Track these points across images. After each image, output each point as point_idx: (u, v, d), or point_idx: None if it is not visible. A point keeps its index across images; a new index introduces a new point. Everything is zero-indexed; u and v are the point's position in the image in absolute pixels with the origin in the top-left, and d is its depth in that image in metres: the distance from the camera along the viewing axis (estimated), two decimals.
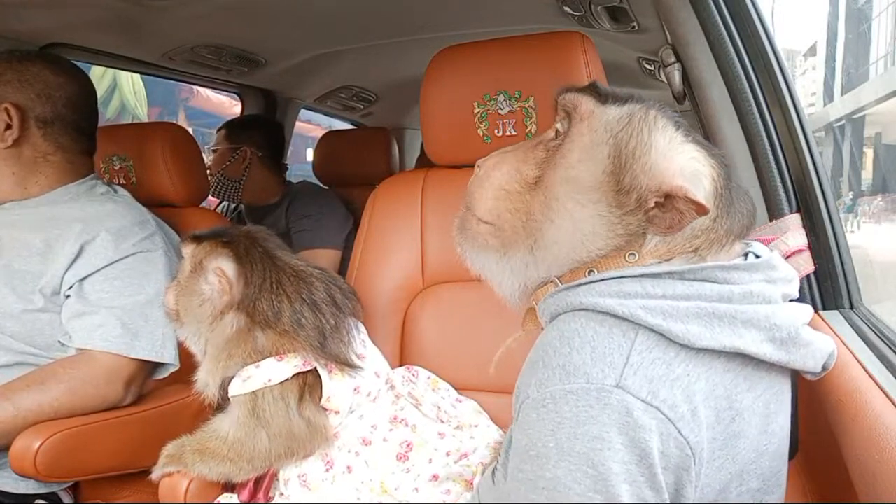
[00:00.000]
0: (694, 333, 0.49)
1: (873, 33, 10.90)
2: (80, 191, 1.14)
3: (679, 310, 0.50)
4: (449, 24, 1.59)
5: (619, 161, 0.55)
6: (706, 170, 0.54)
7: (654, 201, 0.54)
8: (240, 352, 0.84)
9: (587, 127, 0.58)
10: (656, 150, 0.54)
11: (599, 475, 0.45)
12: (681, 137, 0.55)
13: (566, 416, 0.47)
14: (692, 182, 0.53)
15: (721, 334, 0.49)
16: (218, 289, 0.85)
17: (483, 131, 1.03)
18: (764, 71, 0.87)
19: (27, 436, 0.91)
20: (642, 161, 0.54)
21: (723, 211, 0.55)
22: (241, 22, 1.51)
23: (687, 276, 0.53)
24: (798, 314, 0.54)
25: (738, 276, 0.53)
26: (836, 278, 0.84)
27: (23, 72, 1.09)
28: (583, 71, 0.96)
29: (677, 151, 0.54)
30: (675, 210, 0.53)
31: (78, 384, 0.98)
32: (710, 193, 0.54)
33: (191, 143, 1.41)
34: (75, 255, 1.04)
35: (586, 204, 0.56)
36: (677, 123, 0.57)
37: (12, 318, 1.02)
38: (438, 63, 1.06)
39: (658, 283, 0.52)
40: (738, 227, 0.57)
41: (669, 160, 0.54)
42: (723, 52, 0.88)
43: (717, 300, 0.51)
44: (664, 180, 0.53)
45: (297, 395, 0.84)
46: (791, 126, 0.85)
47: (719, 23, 0.88)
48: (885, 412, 0.54)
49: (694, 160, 0.54)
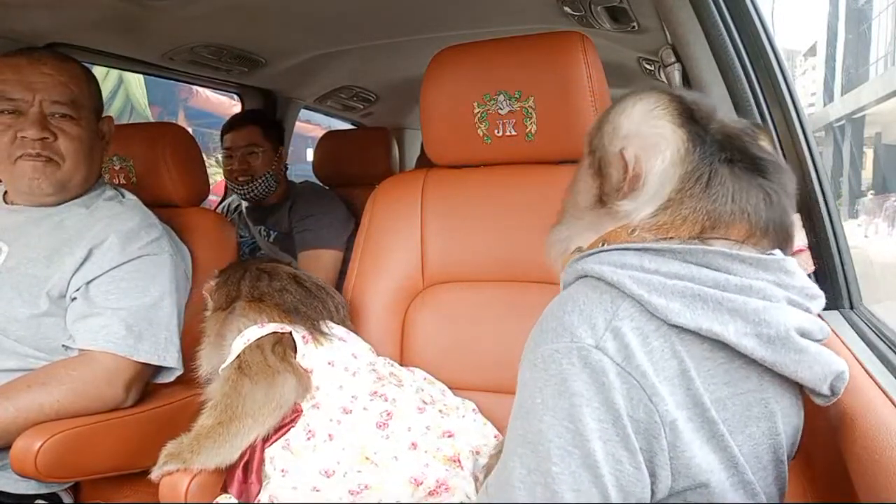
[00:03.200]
0: (672, 310, 0.50)
1: (873, 33, 10.90)
2: (90, 197, 1.15)
3: (666, 286, 0.51)
4: (449, 24, 1.59)
5: (599, 132, 0.60)
6: (671, 143, 0.55)
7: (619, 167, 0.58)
8: (227, 328, 0.95)
9: None
10: (629, 119, 0.57)
11: (577, 431, 0.48)
12: (661, 112, 0.56)
13: (552, 374, 0.50)
14: (643, 148, 0.56)
15: (701, 316, 0.50)
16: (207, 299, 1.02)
17: (483, 131, 1.03)
18: (764, 71, 0.87)
19: (28, 436, 0.91)
20: (610, 129, 0.59)
21: (700, 191, 0.55)
22: (241, 22, 1.51)
23: (689, 259, 0.53)
24: (800, 320, 0.53)
25: (741, 269, 0.53)
26: (836, 278, 0.84)
27: (97, 84, 1.15)
28: (583, 71, 0.96)
29: (646, 122, 0.57)
30: (616, 172, 0.58)
31: (79, 385, 0.98)
32: (668, 163, 0.55)
33: (191, 143, 1.41)
34: (84, 258, 1.04)
35: (584, 177, 0.63)
36: (676, 103, 0.57)
37: (18, 322, 1.02)
38: (438, 63, 1.06)
39: (656, 259, 0.53)
40: (742, 217, 0.55)
41: (634, 128, 0.57)
42: (723, 52, 0.88)
43: (710, 285, 0.51)
44: (616, 144, 0.58)
45: (272, 342, 0.91)
46: (791, 126, 0.85)
47: (719, 23, 0.88)
48: (885, 412, 0.54)
49: (659, 130, 0.56)
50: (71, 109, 1.07)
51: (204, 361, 0.96)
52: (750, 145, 0.58)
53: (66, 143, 1.07)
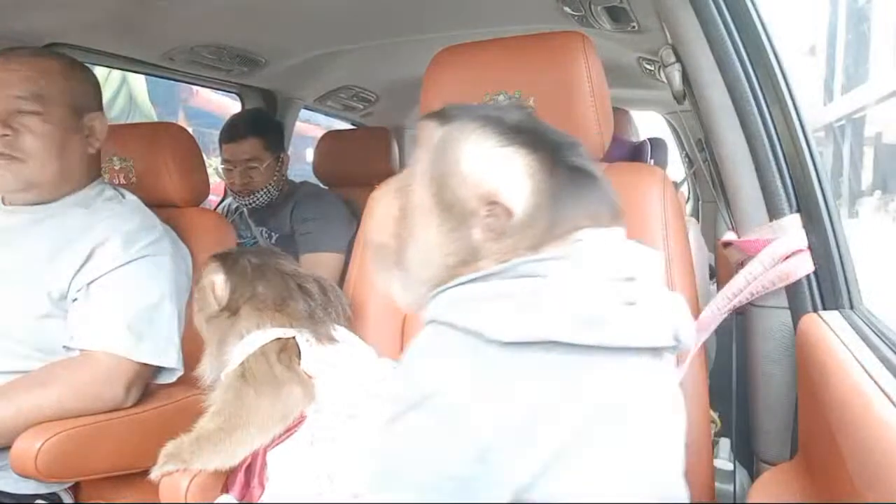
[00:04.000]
0: (501, 329, 0.51)
1: (873, 33, 10.89)
2: (89, 196, 1.15)
3: (492, 309, 0.52)
4: (449, 24, 1.59)
5: (437, 182, 0.59)
6: (521, 168, 0.56)
7: (486, 210, 0.57)
8: (230, 334, 0.92)
9: (424, 154, 0.62)
10: (467, 162, 0.57)
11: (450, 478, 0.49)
12: (496, 141, 0.57)
13: (411, 427, 0.51)
14: (503, 185, 0.56)
15: (527, 327, 0.51)
16: (211, 298, 0.95)
17: None
18: (764, 71, 0.87)
19: (28, 436, 0.91)
20: (456, 176, 0.58)
21: (553, 203, 0.56)
22: (241, 22, 1.51)
23: (506, 276, 0.55)
24: (610, 294, 0.54)
25: (553, 268, 0.54)
26: (836, 278, 0.84)
27: (82, 79, 1.12)
28: (583, 71, 0.96)
29: (488, 157, 0.57)
30: (495, 215, 0.56)
31: (79, 385, 0.98)
32: (529, 190, 0.56)
33: (191, 143, 1.41)
34: (85, 259, 1.04)
35: (428, 226, 0.60)
36: (500, 126, 0.58)
37: (18, 322, 1.02)
38: (438, 63, 1.06)
39: (480, 287, 0.55)
40: (585, 215, 0.58)
41: (480, 168, 0.57)
42: (723, 52, 0.88)
43: (531, 294, 0.53)
44: (477, 189, 0.57)
45: (277, 350, 0.89)
46: (791, 126, 0.85)
47: (719, 23, 0.88)
48: (885, 412, 0.54)
49: (508, 161, 0.56)
50: (35, 104, 1.04)
51: (209, 370, 0.93)
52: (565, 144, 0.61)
53: (31, 140, 1.04)
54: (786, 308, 0.89)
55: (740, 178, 0.91)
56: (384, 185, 0.68)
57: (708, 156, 1.20)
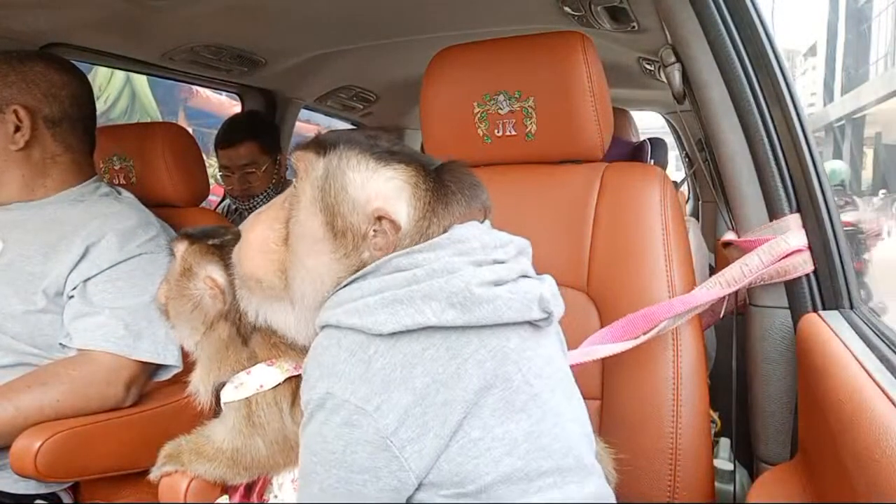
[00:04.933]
0: (381, 322, 0.54)
1: (873, 33, 10.90)
2: (84, 192, 1.14)
3: (369, 304, 0.56)
4: (449, 24, 1.59)
5: (328, 211, 0.61)
6: (403, 184, 0.61)
7: (373, 230, 0.60)
8: (230, 360, 0.84)
9: (308, 184, 0.63)
10: (353, 187, 0.61)
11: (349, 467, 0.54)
12: (376, 164, 0.61)
13: (315, 430, 0.55)
14: (387, 202, 0.60)
15: (404, 316, 0.54)
16: (209, 295, 0.84)
17: (483, 131, 1.03)
18: (764, 71, 0.87)
19: (27, 436, 0.91)
20: (346, 203, 0.61)
21: (431, 209, 0.61)
22: (241, 22, 1.51)
23: (381, 272, 0.58)
24: (484, 274, 0.57)
25: (422, 258, 0.58)
26: (836, 278, 0.84)
27: (26, 72, 1.08)
28: (583, 71, 0.96)
29: (372, 179, 0.61)
30: (382, 232, 0.60)
31: (79, 384, 0.98)
32: (411, 203, 0.60)
33: (191, 143, 1.41)
34: (80, 256, 1.04)
35: (319, 254, 0.62)
36: (376, 151, 0.62)
37: (14, 318, 1.02)
38: (438, 63, 1.06)
39: (360, 286, 0.58)
40: (459, 215, 0.62)
41: (366, 190, 0.60)
42: (723, 52, 0.88)
43: (405, 285, 0.56)
44: (366, 210, 0.60)
45: (290, 400, 0.83)
46: (791, 126, 0.85)
47: (719, 23, 0.88)
48: (885, 412, 0.54)
49: (389, 180, 0.61)
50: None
51: (201, 388, 0.85)
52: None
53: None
54: (786, 308, 0.89)
55: (740, 178, 0.91)
56: (251, 222, 0.68)
57: (708, 156, 1.20)
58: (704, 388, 0.88)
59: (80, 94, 1.14)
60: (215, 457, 0.83)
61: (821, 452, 0.68)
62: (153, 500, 0.86)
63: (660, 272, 0.90)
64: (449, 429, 0.54)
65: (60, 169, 1.12)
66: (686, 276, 0.91)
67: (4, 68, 1.08)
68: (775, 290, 0.89)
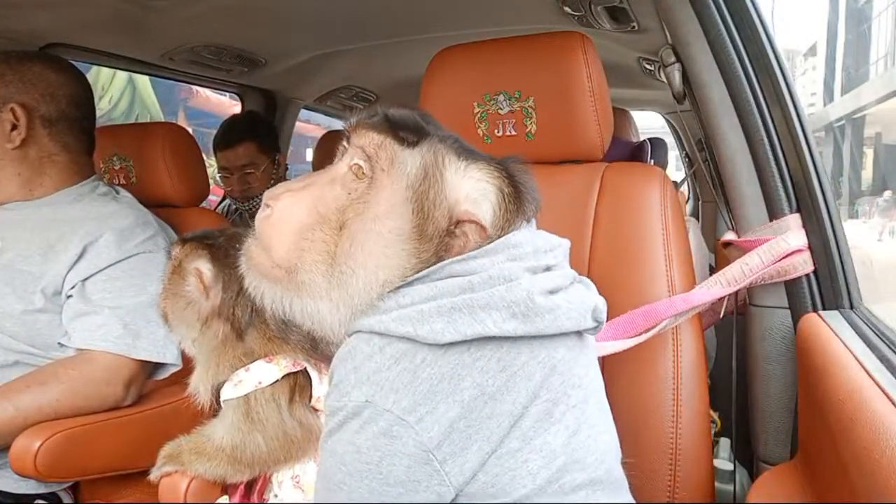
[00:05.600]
0: (438, 331, 0.51)
1: (873, 33, 10.90)
2: (82, 192, 1.15)
3: (424, 313, 0.53)
4: (449, 24, 1.59)
5: (422, 214, 0.57)
6: (489, 186, 0.58)
7: (459, 232, 0.58)
8: (228, 358, 0.84)
9: (389, 179, 0.58)
10: (450, 189, 0.58)
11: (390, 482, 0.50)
12: (464, 164, 0.59)
13: (349, 439, 0.51)
14: (476, 205, 0.57)
15: (463, 325, 0.52)
16: (199, 289, 0.84)
17: (483, 131, 1.03)
18: (764, 71, 0.87)
19: (27, 436, 0.91)
20: (442, 206, 0.58)
21: (508, 212, 0.58)
22: (241, 22, 1.51)
23: (434, 278, 0.55)
24: (542, 282, 0.55)
25: (477, 265, 0.55)
26: (836, 278, 0.84)
27: (24, 72, 1.09)
28: (583, 71, 0.96)
29: (462, 180, 0.58)
30: (463, 235, 0.57)
31: (79, 384, 0.98)
32: (496, 206, 0.58)
33: (191, 143, 1.41)
34: (78, 255, 1.04)
35: (392, 255, 0.57)
36: (459, 149, 0.60)
37: (12, 318, 1.02)
38: (438, 63, 1.06)
39: (409, 292, 0.55)
40: (527, 218, 0.60)
41: (457, 192, 0.58)
42: (723, 52, 0.88)
43: (461, 293, 0.53)
44: (454, 212, 0.57)
45: (288, 397, 0.83)
46: (791, 126, 0.85)
47: (719, 23, 0.88)
48: (885, 412, 0.54)
49: (478, 181, 0.58)
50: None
51: (201, 387, 0.86)
52: None
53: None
54: (786, 308, 0.89)
55: (740, 178, 0.91)
56: (286, 201, 0.61)
57: (708, 156, 1.20)
58: (704, 388, 0.88)
59: (78, 94, 1.14)
60: (215, 455, 0.83)
61: (821, 452, 0.68)
62: (153, 500, 0.86)
63: (660, 272, 0.90)
64: (493, 443, 0.52)
65: (58, 168, 1.12)
66: (686, 276, 0.91)
67: (2, 67, 1.08)
68: (775, 290, 0.89)
